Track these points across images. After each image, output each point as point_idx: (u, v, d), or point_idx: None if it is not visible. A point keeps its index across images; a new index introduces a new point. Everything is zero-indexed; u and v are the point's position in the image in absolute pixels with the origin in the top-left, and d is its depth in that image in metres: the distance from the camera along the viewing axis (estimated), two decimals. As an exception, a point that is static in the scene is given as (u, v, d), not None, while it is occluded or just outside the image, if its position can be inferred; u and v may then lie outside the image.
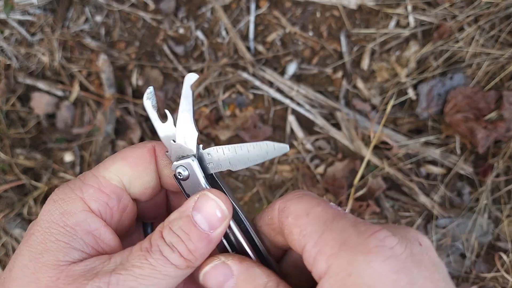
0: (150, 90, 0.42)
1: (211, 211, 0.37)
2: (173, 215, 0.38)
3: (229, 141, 1.40)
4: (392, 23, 1.38)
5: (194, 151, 0.41)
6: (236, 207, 0.40)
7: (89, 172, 0.40)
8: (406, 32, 1.36)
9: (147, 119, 1.42)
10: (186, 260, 0.36)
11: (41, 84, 1.42)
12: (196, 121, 0.44)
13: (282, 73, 1.39)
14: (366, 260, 0.29)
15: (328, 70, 1.39)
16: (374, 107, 1.38)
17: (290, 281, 0.37)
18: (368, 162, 1.33)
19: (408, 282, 0.29)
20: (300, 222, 0.34)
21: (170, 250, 0.35)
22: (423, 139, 1.32)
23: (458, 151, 1.32)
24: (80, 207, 0.37)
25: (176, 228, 0.36)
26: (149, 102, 0.42)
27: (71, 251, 0.35)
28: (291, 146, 1.39)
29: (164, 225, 0.37)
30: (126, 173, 0.39)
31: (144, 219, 0.46)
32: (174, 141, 0.41)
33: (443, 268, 0.32)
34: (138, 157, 0.40)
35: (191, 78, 0.41)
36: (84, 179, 0.39)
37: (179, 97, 1.48)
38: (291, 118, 1.38)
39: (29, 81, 1.42)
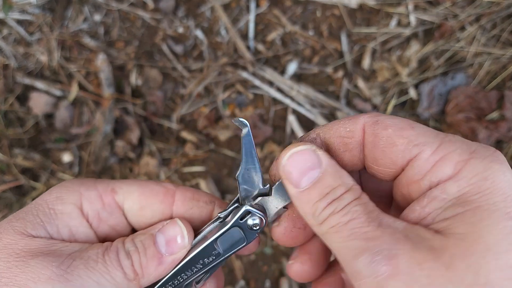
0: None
1: (172, 235, 0.39)
2: (141, 231, 0.41)
3: (229, 141, 1.39)
4: (393, 23, 1.37)
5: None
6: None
7: (108, 180, 0.42)
8: (407, 32, 1.35)
9: (146, 119, 1.42)
10: (134, 272, 0.37)
11: (39, 84, 1.42)
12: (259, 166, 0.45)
13: (282, 72, 1.39)
14: (502, 169, 0.30)
15: (329, 70, 1.39)
16: (375, 107, 1.37)
17: None
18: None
19: None
20: (406, 133, 0.33)
21: (125, 256, 0.37)
22: (424, 139, 1.32)
23: (460, 151, 1.31)
24: (73, 200, 0.39)
25: (138, 240, 0.38)
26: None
27: (40, 228, 0.37)
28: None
29: (128, 236, 0.40)
30: (133, 198, 0.41)
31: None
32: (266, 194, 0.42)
33: None
34: (153, 192, 0.41)
35: (244, 129, 0.39)
36: (97, 182, 0.41)
37: (178, 97, 1.47)
38: (291, 118, 1.37)
39: (27, 80, 1.42)
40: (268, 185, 0.42)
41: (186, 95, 1.41)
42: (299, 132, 1.37)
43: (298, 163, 0.35)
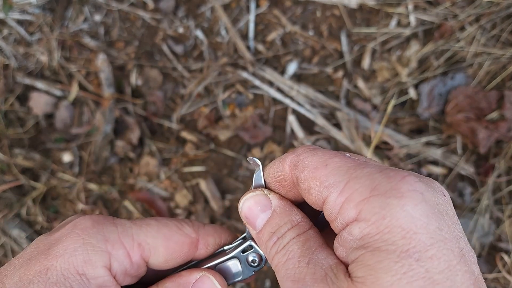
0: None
1: None
2: (170, 284, 0.39)
3: (229, 141, 1.39)
4: (393, 23, 1.37)
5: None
6: None
7: (128, 226, 0.39)
8: (407, 32, 1.35)
9: (146, 119, 1.42)
10: None
11: (39, 84, 1.42)
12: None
13: (282, 72, 1.39)
14: (400, 204, 0.30)
15: (329, 70, 1.39)
16: (375, 107, 1.37)
17: None
18: (369, 162, 1.33)
19: (437, 228, 0.30)
20: (319, 174, 0.34)
21: None
22: (424, 139, 1.32)
23: (459, 151, 1.31)
24: (103, 263, 0.37)
25: None
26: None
27: None
28: (292, 146, 1.38)
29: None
30: (158, 253, 0.40)
31: None
32: None
33: (458, 221, 0.33)
34: (178, 245, 0.40)
35: (257, 168, 0.41)
36: (121, 234, 0.38)
37: (178, 97, 1.47)
38: (291, 118, 1.37)
39: (27, 81, 1.42)
40: None
41: (186, 95, 1.41)
42: (299, 132, 1.37)
43: (252, 207, 0.38)
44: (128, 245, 0.38)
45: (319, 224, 0.38)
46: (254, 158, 0.40)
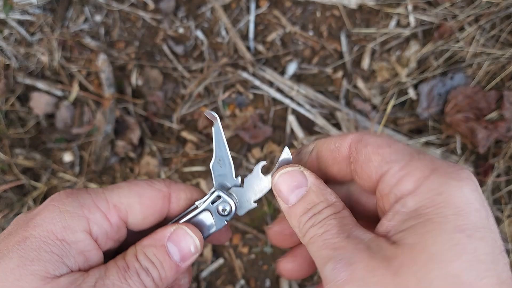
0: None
1: (185, 246, 0.40)
2: (146, 241, 0.40)
3: (229, 141, 1.40)
4: (393, 23, 1.38)
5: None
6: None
7: (101, 191, 0.41)
8: (406, 32, 1.36)
9: (146, 118, 1.42)
10: (155, 285, 0.39)
11: (40, 84, 1.42)
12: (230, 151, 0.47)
13: (282, 73, 1.39)
14: (459, 185, 0.32)
15: (328, 70, 1.39)
16: (374, 107, 1.37)
17: None
18: (369, 162, 1.33)
19: (486, 217, 0.32)
20: (382, 151, 0.36)
21: (145, 274, 0.38)
22: (423, 139, 1.32)
23: (459, 151, 1.32)
24: (82, 227, 0.38)
25: (151, 255, 0.39)
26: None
27: (61, 266, 0.36)
28: (291, 146, 1.39)
29: (137, 248, 0.40)
30: (135, 211, 0.41)
31: None
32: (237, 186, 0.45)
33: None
34: (151, 200, 0.42)
35: (215, 122, 0.43)
36: (95, 198, 0.40)
37: (179, 97, 1.47)
38: (291, 118, 1.38)
39: (28, 81, 1.42)
40: (239, 177, 0.45)
41: (187, 95, 1.42)
42: (299, 132, 1.37)
43: (287, 182, 0.40)
44: (103, 208, 0.39)
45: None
46: (211, 111, 0.42)
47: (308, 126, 1.38)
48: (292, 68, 1.38)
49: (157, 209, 0.42)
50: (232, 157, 1.50)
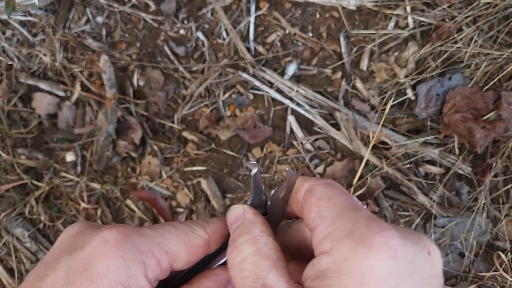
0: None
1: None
2: (208, 283, 0.43)
3: (229, 141, 1.41)
4: (391, 24, 1.39)
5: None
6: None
7: (153, 235, 0.42)
8: (405, 33, 1.37)
9: (148, 119, 1.43)
10: None
11: (42, 85, 1.43)
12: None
13: (282, 73, 1.40)
14: (366, 253, 0.31)
15: (328, 71, 1.40)
16: (373, 108, 1.38)
17: (282, 238, 0.43)
18: (367, 162, 1.34)
19: (395, 285, 0.30)
20: (321, 203, 0.37)
21: None
22: (422, 139, 1.33)
23: (457, 151, 1.33)
24: (142, 273, 0.39)
25: None
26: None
27: None
28: (291, 146, 1.40)
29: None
30: (181, 258, 0.42)
31: None
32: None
33: (438, 281, 0.33)
34: (196, 248, 0.43)
35: (254, 169, 0.46)
36: (150, 244, 0.41)
37: (180, 98, 1.48)
38: (291, 118, 1.39)
39: (30, 81, 1.43)
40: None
41: (187, 95, 1.43)
42: (299, 132, 1.38)
43: (232, 215, 0.43)
44: (157, 254, 0.40)
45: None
46: (252, 161, 0.44)
47: (307, 126, 1.40)
48: (291, 69, 1.39)
49: (199, 255, 0.44)
50: (233, 156, 1.51)
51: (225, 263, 0.45)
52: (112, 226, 0.40)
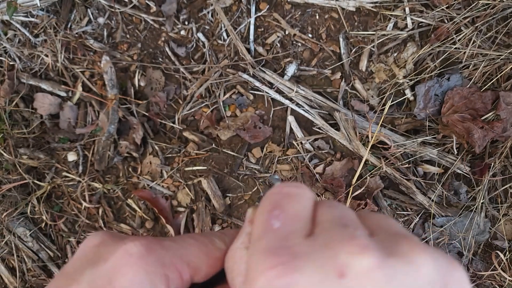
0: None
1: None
2: None
3: (230, 141, 1.42)
4: (390, 25, 1.39)
5: None
6: None
7: (175, 248, 0.42)
8: (404, 34, 1.37)
9: (149, 119, 1.44)
10: None
11: (44, 85, 1.44)
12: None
13: (282, 74, 1.41)
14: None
15: (327, 71, 1.41)
16: (372, 108, 1.39)
17: None
18: (366, 162, 1.35)
19: None
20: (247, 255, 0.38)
21: None
22: (420, 139, 1.34)
23: (455, 151, 1.33)
24: (165, 286, 0.40)
25: None
26: None
27: None
28: (291, 145, 1.41)
29: None
30: (201, 270, 0.43)
31: None
32: None
33: None
34: (215, 260, 0.43)
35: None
36: (172, 256, 0.41)
37: (180, 98, 1.49)
38: (290, 118, 1.40)
39: (32, 81, 1.44)
40: None
41: (188, 96, 1.44)
42: (298, 132, 1.39)
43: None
44: (180, 267, 0.41)
45: None
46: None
47: (307, 126, 1.41)
48: (291, 69, 1.40)
49: (217, 267, 0.43)
50: (234, 156, 1.51)
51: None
52: (135, 238, 0.41)
